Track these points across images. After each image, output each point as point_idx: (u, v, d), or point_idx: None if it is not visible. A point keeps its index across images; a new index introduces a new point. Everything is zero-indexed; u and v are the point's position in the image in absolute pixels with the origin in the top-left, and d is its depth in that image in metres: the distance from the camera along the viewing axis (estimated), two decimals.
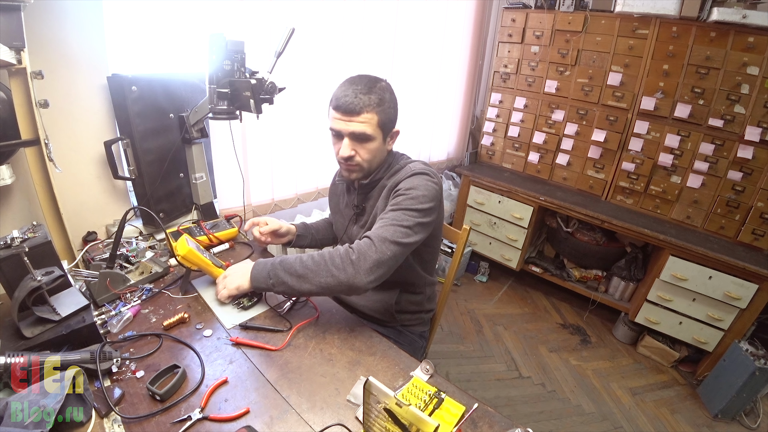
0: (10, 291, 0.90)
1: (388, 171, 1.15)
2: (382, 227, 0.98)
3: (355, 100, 1.01)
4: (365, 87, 1.02)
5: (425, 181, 1.04)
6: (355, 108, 1.01)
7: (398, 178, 1.08)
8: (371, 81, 1.04)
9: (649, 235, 2.07)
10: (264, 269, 0.99)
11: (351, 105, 1.01)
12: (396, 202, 1.02)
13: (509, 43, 2.51)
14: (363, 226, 1.19)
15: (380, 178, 1.15)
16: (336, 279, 0.93)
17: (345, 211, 1.28)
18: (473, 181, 2.65)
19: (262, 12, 1.55)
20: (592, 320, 2.57)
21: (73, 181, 1.31)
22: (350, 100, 1.01)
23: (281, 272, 0.96)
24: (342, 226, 1.29)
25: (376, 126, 1.04)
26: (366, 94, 1.01)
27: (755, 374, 1.78)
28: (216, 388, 0.83)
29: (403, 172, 1.10)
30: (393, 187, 1.08)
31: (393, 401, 0.65)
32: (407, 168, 1.10)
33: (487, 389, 2.01)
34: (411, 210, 1.00)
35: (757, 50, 1.83)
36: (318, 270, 0.94)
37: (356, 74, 1.08)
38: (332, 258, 0.95)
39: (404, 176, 1.07)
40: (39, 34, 1.12)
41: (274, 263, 0.98)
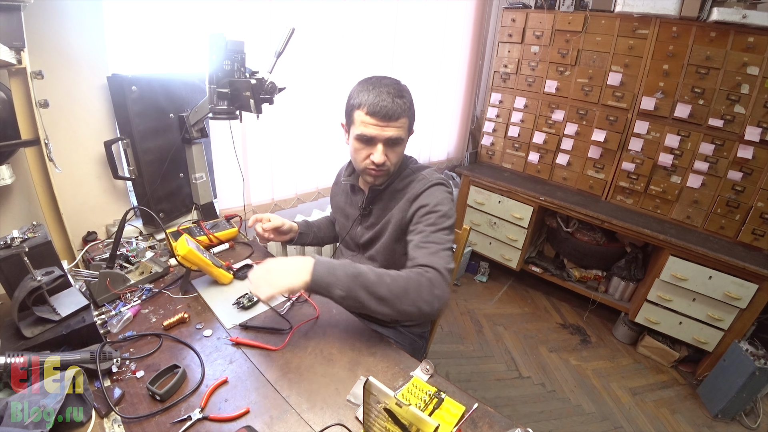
0: (10, 291, 0.91)
1: (399, 175, 1.14)
2: (435, 255, 0.96)
3: (393, 106, 0.98)
4: (396, 90, 1.00)
5: (446, 194, 1.08)
6: (395, 114, 0.99)
7: (417, 188, 1.08)
8: (397, 83, 1.03)
9: (649, 235, 2.07)
10: (333, 275, 0.88)
11: (390, 111, 0.98)
12: (431, 221, 1.02)
13: (509, 43, 2.51)
14: (369, 228, 1.18)
15: (392, 181, 1.14)
16: (419, 310, 0.90)
17: (349, 211, 1.26)
18: (473, 181, 2.65)
19: (262, 12, 1.55)
20: (592, 320, 2.57)
21: (73, 181, 1.31)
22: (388, 106, 0.98)
23: (358, 288, 0.87)
24: (345, 226, 1.28)
25: (407, 130, 1.05)
26: (400, 98, 1.00)
27: (755, 374, 1.78)
28: (216, 388, 0.83)
29: (419, 181, 1.10)
30: (413, 198, 1.07)
31: (393, 401, 0.65)
32: (422, 177, 1.10)
33: (487, 389, 2.01)
34: (445, 229, 1.03)
35: (757, 50, 1.83)
36: (403, 298, 0.89)
37: (374, 76, 1.04)
38: (419, 288, 0.90)
39: (423, 187, 1.07)
40: (39, 34, 1.12)
41: (349, 274, 0.88)
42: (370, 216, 1.19)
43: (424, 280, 0.91)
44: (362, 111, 1.00)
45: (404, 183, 1.13)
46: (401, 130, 1.02)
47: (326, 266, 0.89)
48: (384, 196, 1.16)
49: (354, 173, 1.21)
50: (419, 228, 1.03)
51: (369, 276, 0.89)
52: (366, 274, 0.89)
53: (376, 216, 1.18)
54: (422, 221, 1.03)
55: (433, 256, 0.96)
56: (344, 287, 0.87)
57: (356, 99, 1.01)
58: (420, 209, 1.05)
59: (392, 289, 0.88)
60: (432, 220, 1.03)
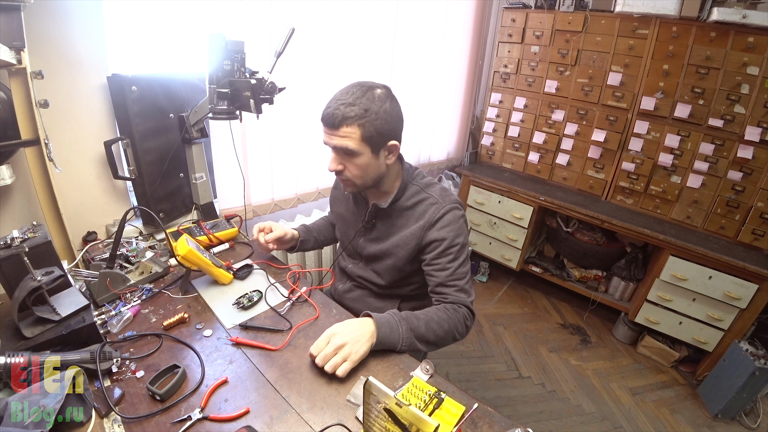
0: (10, 291, 0.90)
1: (403, 192, 1.11)
2: (462, 291, 1.06)
3: (335, 113, 0.95)
4: (351, 97, 0.96)
5: (461, 221, 1.09)
6: (334, 121, 0.96)
7: (431, 215, 1.07)
8: (362, 89, 0.97)
9: (649, 235, 2.07)
10: (393, 333, 0.94)
11: (330, 118, 0.96)
12: (452, 256, 1.06)
13: (509, 43, 2.51)
14: (374, 242, 1.17)
15: (397, 199, 1.11)
16: (455, 341, 1.06)
17: (352, 221, 1.24)
18: (473, 181, 2.65)
19: (262, 12, 1.55)
20: (592, 320, 2.57)
21: (73, 181, 1.31)
22: (330, 112, 0.96)
23: (416, 341, 0.97)
24: (347, 235, 1.26)
25: (359, 140, 0.97)
26: (349, 105, 0.95)
27: (755, 374, 1.78)
28: (216, 388, 0.83)
29: (433, 205, 1.08)
30: (427, 226, 1.07)
31: (393, 401, 0.65)
32: (434, 200, 1.08)
33: (487, 389, 2.01)
34: (466, 260, 1.08)
35: (757, 50, 1.83)
36: (446, 337, 1.02)
37: (357, 81, 1.02)
38: (457, 327, 1.02)
39: (438, 214, 1.06)
40: (39, 34, 1.12)
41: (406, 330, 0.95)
42: (374, 229, 1.17)
43: (459, 317, 1.03)
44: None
45: (413, 201, 1.10)
46: (348, 140, 0.97)
47: (386, 327, 0.95)
48: (390, 212, 1.13)
49: None
50: (442, 264, 1.06)
51: (421, 329, 0.97)
52: (418, 328, 0.97)
53: (381, 231, 1.15)
54: (444, 256, 1.06)
55: (460, 293, 1.06)
56: (406, 343, 0.95)
57: None
58: (439, 242, 1.06)
59: (438, 333, 0.99)
60: (453, 254, 1.06)
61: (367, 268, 1.22)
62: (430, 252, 1.07)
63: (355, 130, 0.96)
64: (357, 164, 1.01)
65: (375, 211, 1.14)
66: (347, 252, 1.29)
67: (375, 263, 1.19)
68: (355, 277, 1.26)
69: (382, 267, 1.18)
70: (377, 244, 1.16)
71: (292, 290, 1.15)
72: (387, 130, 0.99)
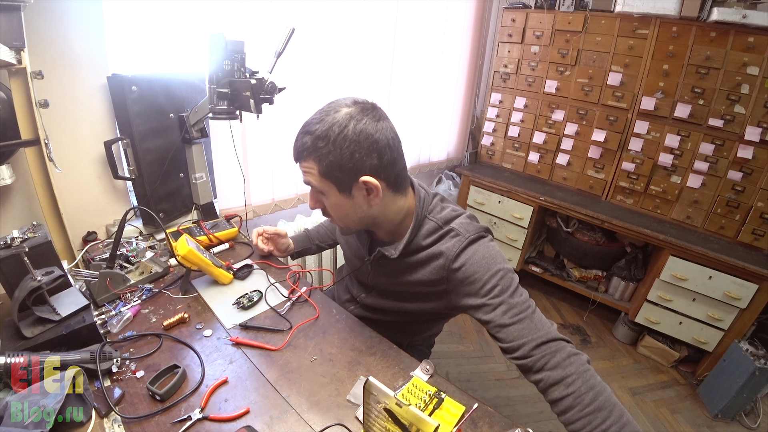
0: (10, 291, 0.90)
1: (419, 231, 0.89)
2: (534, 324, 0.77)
3: (296, 143, 0.82)
4: (313, 121, 0.79)
5: (490, 248, 0.85)
6: (295, 153, 0.83)
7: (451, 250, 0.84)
8: (325, 111, 0.79)
9: (649, 235, 2.07)
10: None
11: (295, 150, 0.83)
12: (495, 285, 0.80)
13: (509, 43, 2.51)
14: (385, 276, 0.99)
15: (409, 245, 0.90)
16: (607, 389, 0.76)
17: (357, 249, 1.07)
18: (473, 181, 2.65)
19: (262, 12, 1.55)
20: (592, 320, 2.57)
21: (73, 181, 1.31)
22: (295, 143, 0.82)
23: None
24: (351, 261, 1.12)
25: (318, 176, 0.80)
26: (307, 133, 0.79)
27: (755, 374, 1.78)
28: (216, 388, 0.83)
29: (452, 238, 0.85)
30: (448, 264, 0.84)
31: (393, 401, 0.65)
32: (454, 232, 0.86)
33: (487, 389, 2.01)
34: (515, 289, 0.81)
35: (757, 50, 1.83)
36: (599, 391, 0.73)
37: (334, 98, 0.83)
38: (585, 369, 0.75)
39: (459, 248, 0.83)
40: (39, 34, 1.12)
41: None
42: (384, 264, 0.97)
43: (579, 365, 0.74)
44: None
45: (430, 241, 0.89)
46: (309, 175, 0.82)
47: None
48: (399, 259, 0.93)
49: None
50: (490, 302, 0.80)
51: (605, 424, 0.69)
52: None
53: (393, 268, 0.95)
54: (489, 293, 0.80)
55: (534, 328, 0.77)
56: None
57: None
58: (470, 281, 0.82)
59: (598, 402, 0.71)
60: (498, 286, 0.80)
61: (380, 299, 1.06)
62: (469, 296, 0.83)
63: (312, 165, 0.80)
64: (330, 204, 0.86)
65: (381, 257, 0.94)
66: (355, 275, 1.12)
67: (388, 295, 1.04)
68: (366, 307, 1.11)
69: (395, 299, 1.02)
70: (389, 279, 0.99)
71: (292, 290, 1.15)
72: (349, 163, 0.77)
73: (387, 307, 1.05)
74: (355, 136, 0.77)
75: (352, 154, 0.77)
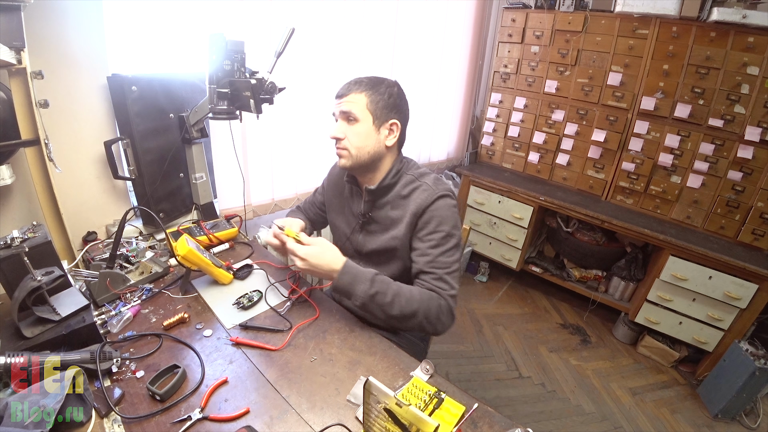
0: (10, 291, 0.91)
1: (398, 178, 1.11)
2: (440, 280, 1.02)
3: (347, 85, 1.06)
4: (360, 79, 1.06)
5: (450, 209, 1.06)
6: (345, 91, 1.05)
7: (421, 201, 1.05)
8: (375, 77, 1.08)
9: (649, 235, 2.07)
10: (355, 287, 0.98)
11: (343, 89, 1.06)
12: (434, 243, 1.04)
13: (509, 43, 2.51)
14: (374, 234, 1.15)
15: (390, 185, 1.11)
16: (422, 329, 1.02)
17: (348, 217, 1.22)
18: (473, 181, 2.65)
19: (262, 12, 1.55)
20: (592, 320, 2.57)
21: (73, 181, 1.31)
22: (344, 87, 1.06)
23: (375, 305, 0.97)
24: (343, 232, 1.24)
25: (364, 107, 1.04)
26: (357, 83, 1.05)
27: (755, 374, 1.78)
28: (216, 388, 0.83)
29: (424, 191, 1.07)
30: (418, 213, 1.05)
31: (393, 401, 0.65)
32: (426, 187, 1.07)
33: (487, 389, 2.01)
34: (450, 249, 1.04)
35: (757, 50, 1.83)
36: (413, 318, 0.98)
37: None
38: (427, 313, 0.99)
39: (429, 201, 1.05)
40: (39, 34, 1.12)
41: (365, 289, 0.97)
42: (372, 223, 1.16)
43: (434, 305, 0.99)
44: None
45: (408, 190, 1.09)
46: (353, 104, 1.04)
47: (351, 276, 0.98)
48: (386, 203, 1.12)
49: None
50: (423, 249, 1.05)
51: (386, 297, 0.97)
52: (384, 295, 0.97)
53: (379, 224, 1.14)
54: (426, 241, 1.04)
55: (439, 282, 1.02)
56: (361, 300, 0.97)
57: None
58: (424, 227, 1.05)
59: (404, 310, 0.97)
60: (436, 241, 1.03)
61: (368, 266, 1.18)
62: (416, 239, 1.07)
63: (361, 98, 1.04)
64: (357, 132, 1.05)
65: (372, 199, 1.14)
66: (345, 251, 1.25)
67: (376, 260, 1.17)
68: None
69: (383, 263, 1.15)
70: (376, 237, 1.14)
71: (292, 290, 1.15)
72: (391, 106, 1.05)
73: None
74: (400, 93, 1.09)
75: (393, 101, 1.06)
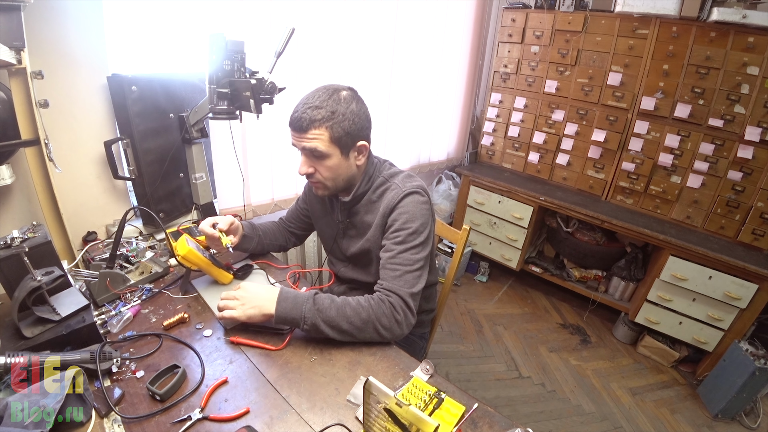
0: (10, 291, 0.91)
1: (370, 184, 1.10)
2: (399, 278, 0.98)
3: (303, 116, 0.96)
4: (318, 100, 0.97)
5: (419, 205, 1.04)
6: (302, 125, 0.97)
7: (390, 200, 1.05)
8: (327, 92, 0.98)
9: (649, 235, 2.07)
10: (296, 308, 0.92)
11: (298, 122, 0.97)
12: (400, 239, 1.01)
13: (509, 43, 2.51)
14: (353, 238, 1.17)
15: (363, 192, 1.10)
16: (381, 336, 0.95)
17: (330, 223, 1.23)
18: (473, 181, 2.65)
19: (262, 12, 1.55)
20: (592, 320, 2.57)
21: (73, 181, 1.31)
22: (298, 116, 0.97)
23: (319, 322, 0.92)
24: (328, 238, 1.25)
25: (328, 142, 0.98)
26: (315, 108, 0.96)
27: (755, 374, 1.78)
28: (216, 388, 0.83)
29: (392, 191, 1.06)
30: (387, 212, 1.05)
31: (393, 401, 0.65)
32: (395, 186, 1.06)
33: (487, 389, 2.01)
34: (414, 247, 1.01)
35: (757, 50, 1.83)
36: (365, 329, 0.94)
37: (321, 85, 1.02)
38: (378, 318, 0.94)
39: (396, 199, 1.04)
40: (39, 34, 1.12)
41: (310, 307, 0.92)
42: (352, 228, 1.17)
43: (385, 307, 0.95)
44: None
45: (378, 193, 1.09)
46: (316, 141, 0.97)
47: (292, 297, 0.94)
48: (361, 208, 1.12)
49: None
50: (388, 246, 1.03)
51: (331, 312, 0.93)
52: (328, 310, 0.93)
53: (358, 228, 1.15)
54: (391, 238, 1.03)
55: (397, 280, 0.98)
56: (309, 321, 0.92)
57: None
58: (393, 224, 1.03)
59: (353, 321, 0.93)
60: (401, 238, 1.01)
61: (355, 269, 1.22)
62: (384, 236, 1.05)
63: (323, 132, 0.97)
64: (327, 166, 1.01)
65: (347, 208, 1.13)
66: (335, 255, 1.28)
67: (359, 262, 1.19)
68: (347, 280, 1.26)
69: (365, 264, 1.17)
70: (356, 241, 1.16)
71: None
72: (355, 130, 1.00)
73: (361, 276, 1.20)
74: (358, 111, 1.00)
75: (356, 123, 0.99)
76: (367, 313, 0.94)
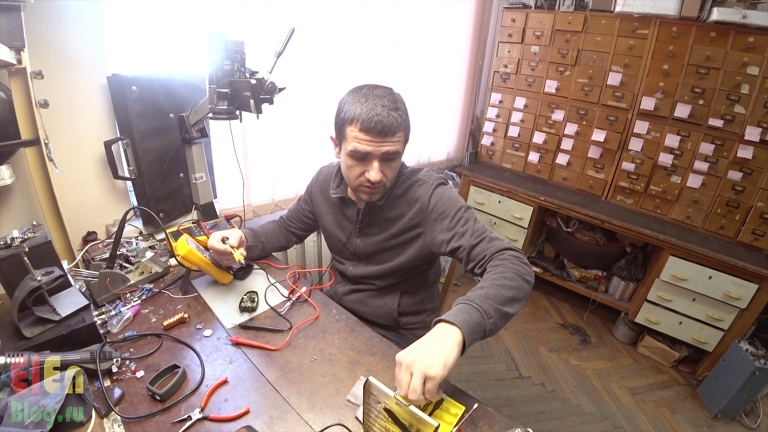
0: (10, 291, 0.91)
1: (396, 181, 1.09)
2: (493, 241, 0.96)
3: (389, 120, 0.92)
4: (391, 102, 0.94)
5: (451, 191, 1.07)
6: (391, 128, 0.93)
7: (423, 193, 1.05)
8: (391, 94, 0.97)
9: (649, 235, 2.07)
10: (475, 320, 0.76)
11: (385, 126, 0.92)
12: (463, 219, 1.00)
13: (509, 43, 2.51)
14: (370, 237, 1.15)
15: (389, 192, 1.09)
16: (529, 284, 0.89)
17: (341, 224, 1.21)
18: (473, 181, 2.65)
19: (262, 12, 1.55)
20: (592, 320, 2.57)
21: (73, 181, 1.31)
22: (384, 120, 0.91)
23: (493, 308, 0.79)
24: (338, 237, 1.22)
25: (403, 143, 1.00)
26: (395, 110, 0.94)
27: (755, 374, 1.78)
28: (216, 388, 0.83)
29: (421, 186, 1.07)
30: (423, 208, 1.05)
31: (393, 401, 0.65)
32: (421, 181, 1.08)
33: (487, 389, 2.01)
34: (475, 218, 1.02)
35: (757, 50, 1.83)
36: (518, 282, 0.86)
37: (365, 85, 0.99)
38: (515, 268, 0.88)
39: (429, 191, 1.05)
40: (39, 34, 1.12)
41: (479, 306, 0.78)
42: (370, 226, 1.14)
43: (509, 261, 0.90)
44: (355, 127, 0.94)
45: (403, 189, 1.09)
46: (398, 144, 0.97)
47: (464, 316, 0.77)
48: (383, 206, 1.11)
49: (343, 183, 1.14)
50: (458, 231, 0.99)
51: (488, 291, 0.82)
52: (486, 292, 0.82)
53: (377, 226, 1.13)
54: (453, 228, 1.00)
55: (493, 242, 0.96)
56: (488, 318, 0.78)
57: (347, 113, 0.95)
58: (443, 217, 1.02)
59: (511, 284, 0.85)
60: (463, 218, 1.01)
61: (368, 266, 1.21)
62: (442, 231, 1.02)
63: (402, 135, 0.98)
64: (394, 167, 1.02)
65: (369, 209, 1.12)
66: (342, 255, 1.26)
67: (374, 259, 1.18)
68: (355, 279, 1.25)
69: (381, 261, 1.16)
70: (375, 238, 1.14)
71: (292, 290, 1.15)
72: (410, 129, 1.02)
73: (373, 273, 1.19)
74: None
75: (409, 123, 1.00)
76: (506, 269, 0.87)
